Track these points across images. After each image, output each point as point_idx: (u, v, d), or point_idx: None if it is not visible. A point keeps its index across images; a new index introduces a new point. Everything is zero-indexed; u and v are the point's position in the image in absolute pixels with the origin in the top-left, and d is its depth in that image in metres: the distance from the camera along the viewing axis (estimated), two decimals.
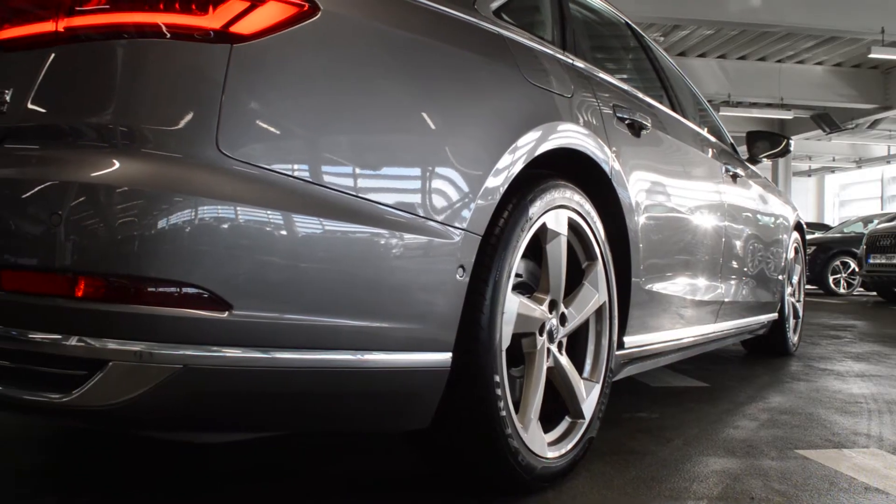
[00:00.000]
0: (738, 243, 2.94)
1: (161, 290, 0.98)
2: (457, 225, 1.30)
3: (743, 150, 3.52)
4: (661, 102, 2.52)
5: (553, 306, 1.62)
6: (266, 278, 1.05)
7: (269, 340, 1.07)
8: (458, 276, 1.30)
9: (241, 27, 1.07)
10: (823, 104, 12.88)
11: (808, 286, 11.98)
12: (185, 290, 0.99)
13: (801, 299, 4.19)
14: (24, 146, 1.10)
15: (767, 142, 3.44)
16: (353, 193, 1.15)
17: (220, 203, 1.01)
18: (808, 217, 21.55)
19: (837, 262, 11.07)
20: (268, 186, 1.06)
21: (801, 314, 4.16)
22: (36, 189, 1.02)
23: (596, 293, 1.76)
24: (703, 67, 11.79)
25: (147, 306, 0.98)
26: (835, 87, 12.34)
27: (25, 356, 1.03)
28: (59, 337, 0.99)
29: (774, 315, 3.65)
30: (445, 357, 1.31)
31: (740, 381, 3.06)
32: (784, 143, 3.41)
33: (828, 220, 21.01)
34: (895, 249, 8.84)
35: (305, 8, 1.13)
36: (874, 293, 10.78)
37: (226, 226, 1.01)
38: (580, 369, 1.76)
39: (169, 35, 1.06)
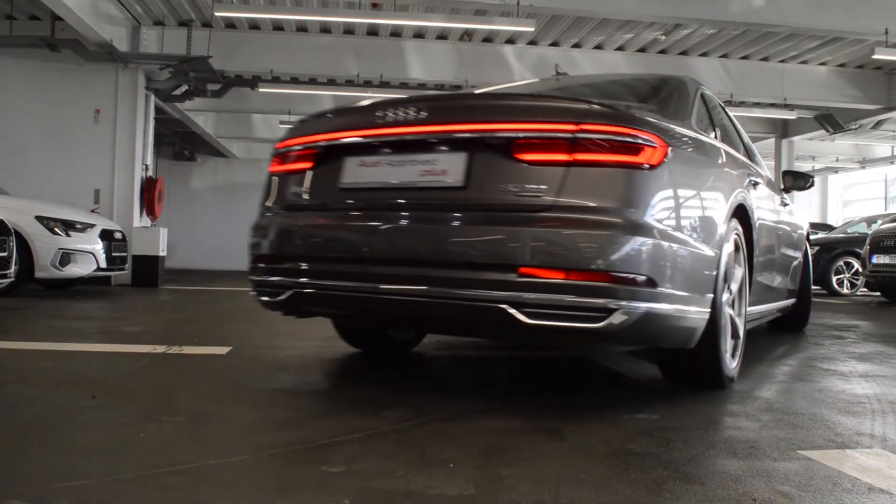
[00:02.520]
0: (785, 249, 4.22)
1: (639, 277, 2.20)
2: (714, 248, 2.60)
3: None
4: (746, 157, 3.70)
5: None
6: (667, 270, 2.30)
7: (666, 301, 2.29)
8: (713, 273, 2.59)
9: (652, 160, 2.30)
10: (827, 104, 12.83)
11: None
12: (646, 278, 2.22)
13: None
14: (562, 215, 2.23)
15: (795, 177, 4.65)
16: (689, 236, 2.45)
17: (654, 240, 2.25)
18: (811, 217, 21.46)
19: (841, 263, 11.02)
20: (665, 233, 2.30)
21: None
22: (593, 235, 2.19)
23: (740, 279, 3.08)
24: (704, 67, 11.75)
25: (633, 286, 2.19)
26: (838, 88, 12.28)
27: (577, 308, 2.17)
28: (604, 300, 2.16)
29: (794, 300, 4.83)
30: (708, 310, 2.55)
31: (742, 382, 3.04)
32: (810, 180, 4.62)
33: (831, 221, 20.93)
34: None
35: (668, 147, 2.37)
36: (878, 293, 10.75)
37: (658, 248, 2.26)
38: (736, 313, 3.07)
39: (625, 166, 2.27)
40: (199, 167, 18.73)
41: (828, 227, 15.71)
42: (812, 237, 13.05)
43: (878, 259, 9.18)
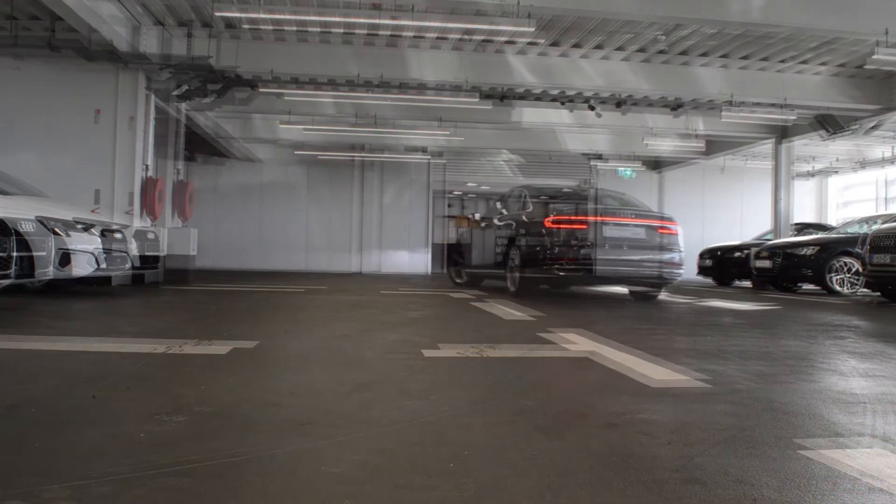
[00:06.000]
0: None
1: (683, 263, 9.01)
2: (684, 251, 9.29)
3: None
4: None
5: None
6: (684, 260, 9.29)
7: (683, 270, 9.16)
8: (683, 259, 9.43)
9: (678, 230, 8.95)
10: (826, 105, 12.85)
11: (810, 286, 11.99)
12: (683, 264, 8.99)
13: None
14: (668, 246, 8.76)
15: None
16: (683, 248, 9.21)
17: (682, 253, 9.13)
18: (810, 218, 21.47)
19: (839, 263, 11.03)
20: (682, 251, 9.19)
21: None
22: (675, 254, 8.94)
23: None
24: (704, 68, 11.79)
25: (681, 266, 9.00)
26: (837, 89, 12.31)
27: (675, 274, 9.10)
28: (679, 271, 9.29)
29: None
30: (684, 272, 9.46)
31: (741, 381, 3.04)
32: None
33: (830, 222, 20.94)
34: None
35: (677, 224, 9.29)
36: (878, 293, 10.75)
37: (683, 256, 9.14)
38: None
39: (675, 232, 8.89)
40: (226, 169, 18.78)
41: (826, 228, 15.70)
42: (811, 237, 13.11)
43: (877, 259, 9.18)
